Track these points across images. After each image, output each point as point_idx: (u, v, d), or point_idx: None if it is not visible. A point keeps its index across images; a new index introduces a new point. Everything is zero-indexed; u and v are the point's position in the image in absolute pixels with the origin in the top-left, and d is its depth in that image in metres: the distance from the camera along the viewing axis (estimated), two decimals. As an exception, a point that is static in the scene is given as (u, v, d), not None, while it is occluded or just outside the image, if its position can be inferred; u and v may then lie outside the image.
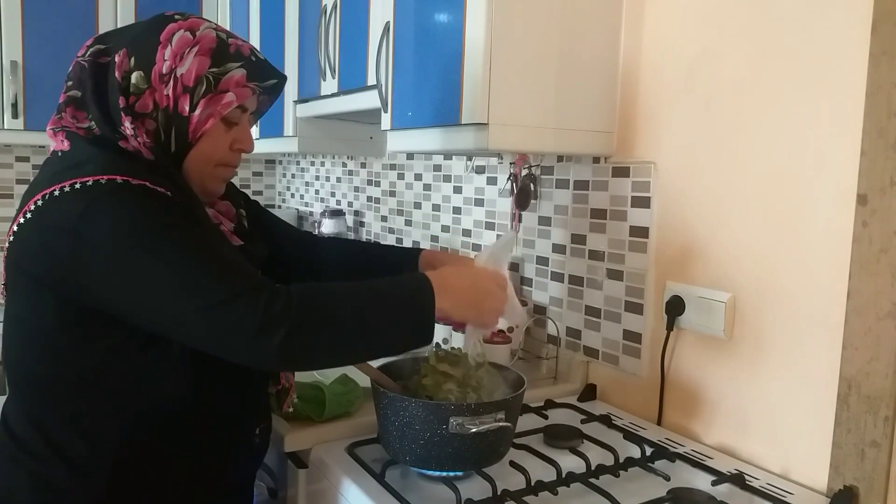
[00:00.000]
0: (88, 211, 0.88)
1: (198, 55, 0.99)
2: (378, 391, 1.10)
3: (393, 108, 1.56)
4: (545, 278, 1.72)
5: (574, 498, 1.08)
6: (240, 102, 1.03)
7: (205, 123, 1.00)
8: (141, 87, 0.97)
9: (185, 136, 1.00)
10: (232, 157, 1.07)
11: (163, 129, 0.99)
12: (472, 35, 1.31)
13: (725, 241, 1.30)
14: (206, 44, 1.00)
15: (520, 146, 1.46)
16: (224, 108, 1.01)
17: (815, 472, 1.16)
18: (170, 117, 0.99)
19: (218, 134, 1.03)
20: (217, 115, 1.01)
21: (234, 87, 1.01)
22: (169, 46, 0.98)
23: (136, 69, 0.98)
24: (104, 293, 0.90)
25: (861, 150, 1.07)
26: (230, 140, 1.05)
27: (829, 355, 1.13)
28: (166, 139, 0.99)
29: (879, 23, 1.05)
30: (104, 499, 0.98)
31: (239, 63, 1.02)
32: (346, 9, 1.85)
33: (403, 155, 2.34)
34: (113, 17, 2.64)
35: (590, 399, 1.52)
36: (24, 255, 0.94)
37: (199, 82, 0.99)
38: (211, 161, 1.04)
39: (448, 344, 1.64)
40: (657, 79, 1.42)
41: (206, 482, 1.06)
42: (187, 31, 1.00)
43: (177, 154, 1.01)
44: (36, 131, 2.55)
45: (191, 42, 0.99)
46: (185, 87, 0.98)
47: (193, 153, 1.02)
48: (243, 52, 1.03)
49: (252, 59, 1.04)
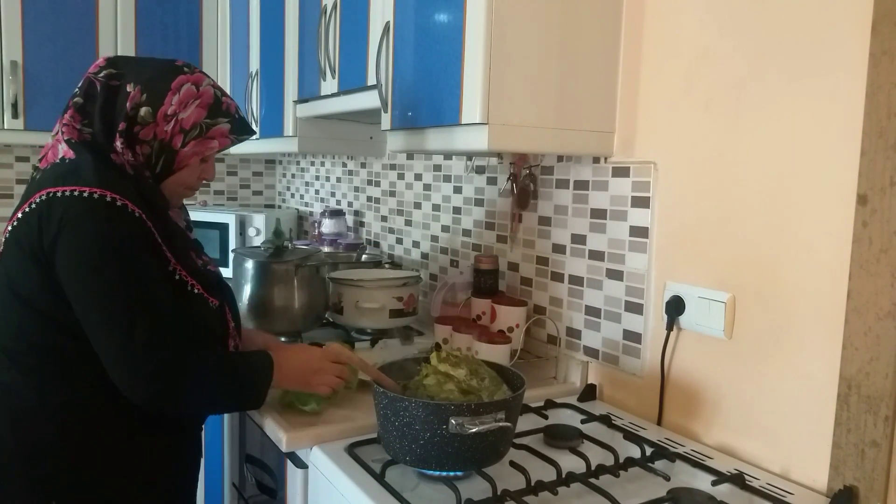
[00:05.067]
0: (77, 218, 1.12)
1: (198, 107, 1.26)
2: (378, 391, 1.10)
3: (393, 108, 1.56)
4: (545, 278, 1.72)
5: (574, 498, 1.08)
6: (220, 149, 1.31)
7: (189, 158, 1.27)
8: (147, 120, 1.22)
9: (171, 165, 1.26)
10: (197, 184, 1.35)
11: (154, 155, 1.25)
12: (472, 35, 1.31)
13: (725, 241, 1.30)
14: (206, 99, 1.27)
15: (520, 146, 1.46)
16: (208, 150, 1.29)
17: (815, 472, 1.16)
18: (163, 147, 1.24)
19: (195, 167, 1.30)
20: (200, 154, 1.28)
21: (218, 136, 1.29)
22: (178, 94, 1.24)
23: (146, 105, 1.22)
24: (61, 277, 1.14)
25: (861, 150, 1.07)
26: (200, 171, 1.33)
27: (829, 355, 1.13)
28: (154, 163, 1.25)
29: (879, 23, 1.05)
30: (70, 429, 1.18)
31: (227, 119, 1.30)
32: (346, 9, 1.85)
33: (403, 155, 2.34)
34: (113, 17, 2.64)
35: (590, 399, 1.52)
36: (23, 232, 1.15)
37: (193, 127, 1.25)
38: (182, 185, 1.31)
39: (448, 344, 1.64)
40: (657, 79, 1.42)
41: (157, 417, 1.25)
42: (193, 85, 1.26)
43: (158, 175, 1.26)
44: (36, 131, 2.55)
45: (195, 95, 1.26)
46: (183, 128, 1.24)
47: (172, 178, 1.28)
48: (230, 110, 1.31)
49: (236, 116, 1.32)
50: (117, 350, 1.13)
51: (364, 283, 1.82)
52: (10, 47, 2.49)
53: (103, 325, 1.13)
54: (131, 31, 2.66)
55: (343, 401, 1.39)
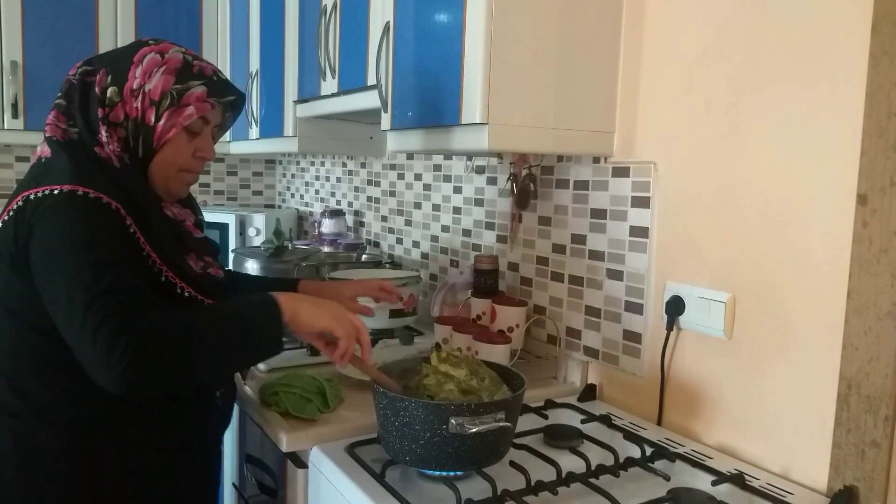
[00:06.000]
0: (45, 213, 1.05)
1: (164, 74, 1.16)
2: (378, 391, 1.10)
3: (393, 108, 1.56)
4: (545, 278, 1.72)
5: (574, 498, 1.08)
6: (199, 115, 1.19)
7: (168, 132, 1.16)
8: (115, 100, 1.14)
9: (151, 143, 1.16)
10: (194, 164, 1.23)
11: (131, 137, 1.15)
12: (472, 35, 1.31)
13: (725, 241, 1.30)
14: (172, 64, 1.17)
15: (520, 146, 1.46)
16: (185, 119, 1.17)
17: (815, 472, 1.16)
18: (138, 126, 1.15)
19: (180, 143, 1.19)
20: (179, 125, 1.17)
21: (194, 102, 1.18)
22: (140, 66, 1.15)
23: (112, 84, 1.15)
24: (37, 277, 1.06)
25: (861, 150, 1.07)
26: (193, 149, 1.21)
27: (829, 355, 1.13)
28: (134, 145, 1.16)
29: (879, 23, 1.05)
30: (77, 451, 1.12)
31: (200, 81, 1.19)
32: (346, 9, 1.85)
33: (403, 155, 2.34)
34: (113, 17, 2.64)
35: (590, 399, 1.52)
36: (2, 241, 1.09)
37: (163, 97, 1.15)
38: (174, 166, 1.20)
39: (448, 344, 1.64)
40: (657, 79, 1.42)
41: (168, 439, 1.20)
42: (157, 54, 1.17)
43: (143, 160, 1.17)
44: (36, 131, 2.54)
45: (159, 63, 1.16)
46: (152, 100, 1.15)
47: (157, 159, 1.18)
48: (205, 72, 1.20)
49: (213, 78, 1.21)
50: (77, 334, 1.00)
51: (364, 283, 1.82)
52: (10, 47, 2.49)
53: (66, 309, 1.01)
54: (131, 31, 2.66)
55: (343, 401, 1.39)
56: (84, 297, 0.99)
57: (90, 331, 0.97)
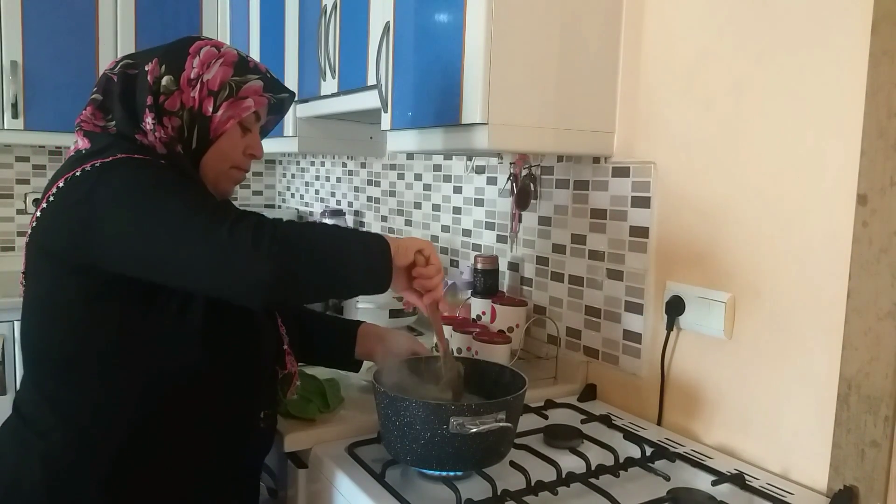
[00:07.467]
0: (101, 178, 0.99)
1: (222, 65, 1.13)
2: (379, 391, 1.10)
3: (393, 108, 1.56)
4: (545, 278, 1.72)
5: (574, 498, 1.08)
6: (257, 108, 1.17)
7: (225, 124, 1.13)
8: (171, 89, 1.10)
9: (207, 134, 1.12)
10: (244, 162, 1.20)
11: (186, 127, 1.11)
12: (472, 35, 1.31)
13: (725, 241, 1.30)
14: (230, 58, 1.15)
15: (520, 146, 1.46)
16: (243, 111, 1.14)
17: (815, 472, 1.16)
18: (194, 116, 1.11)
19: (235, 136, 1.15)
20: (237, 116, 1.14)
21: (252, 95, 1.15)
22: (197, 57, 1.12)
23: (167, 74, 1.10)
24: (115, 248, 0.98)
25: (861, 150, 1.07)
26: (244, 145, 1.18)
27: (829, 355, 1.13)
28: (189, 136, 1.11)
29: (879, 23, 1.05)
30: (112, 479, 1.02)
31: (257, 76, 1.17)
32: (346, 9, 1.85)
33: (403, 155, 2.34)
34: (113, 16, 2.64)
35: (590, 399, 1.52)
36: (46, 236, 1.03)
37: (222, 87, 1.12)
38: (227, 160, 1.16)
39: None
40: (657, 79, 1.42)
41: (211, 464, 1.11)
42: (213, 48, 1.14)
43: (196, 150, 1.12)
44: (36, 131, 2.55)
45: (216, 55, 1.13)
46: (211, 90, 1.12)
47: (212, 150, 1.13)
48: (260, 69, 1.19)
49: (267, 75, 1.19)
50: (203, 244, 0.93)
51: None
52: (10, 47, 2.49)
53: (178, 232, 0.94)
54: (131, 31, 2.66)
55: (343, 401, 1.39)
56: (200, 209, 0.95)
57: (225, 231, 0.92)
